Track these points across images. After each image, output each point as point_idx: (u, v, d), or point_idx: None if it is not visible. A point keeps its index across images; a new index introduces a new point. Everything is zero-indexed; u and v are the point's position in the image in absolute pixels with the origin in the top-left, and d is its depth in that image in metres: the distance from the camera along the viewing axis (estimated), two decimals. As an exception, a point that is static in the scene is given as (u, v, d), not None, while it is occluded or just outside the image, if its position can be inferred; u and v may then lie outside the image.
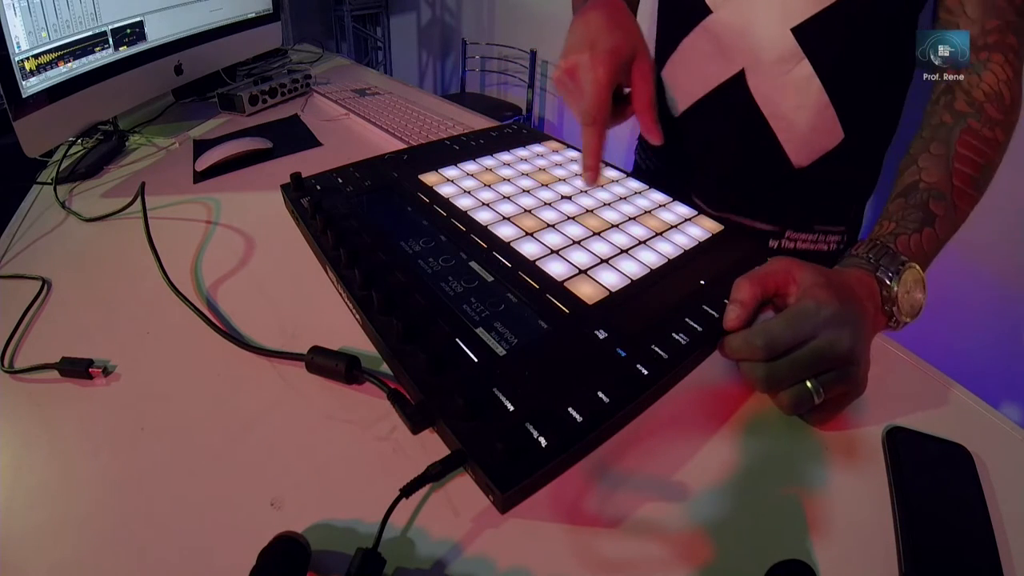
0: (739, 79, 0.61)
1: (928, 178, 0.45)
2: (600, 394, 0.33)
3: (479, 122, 0.91)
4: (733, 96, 0.62)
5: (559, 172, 0.61)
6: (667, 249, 0.48)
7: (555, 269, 0.44)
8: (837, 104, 0.59)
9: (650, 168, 0.79)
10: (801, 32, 0.56)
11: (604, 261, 0.46)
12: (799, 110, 0.60)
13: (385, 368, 0.40)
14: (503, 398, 0.33)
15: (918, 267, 0.41)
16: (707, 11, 0.61)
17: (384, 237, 0.48)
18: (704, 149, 0.68)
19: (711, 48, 0.62)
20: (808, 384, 0.35)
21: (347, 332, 0.43)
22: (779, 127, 0.61)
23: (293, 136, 0.84)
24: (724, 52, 0.61)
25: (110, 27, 0.77)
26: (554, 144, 0.69)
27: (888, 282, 0.39)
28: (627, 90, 0.48)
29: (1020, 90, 0.48)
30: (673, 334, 0.38)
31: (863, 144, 0.62)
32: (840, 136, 0.60)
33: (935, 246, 0.44)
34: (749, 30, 0.59)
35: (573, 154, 0.67)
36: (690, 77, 0.66)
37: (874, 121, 0.62)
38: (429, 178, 0.59)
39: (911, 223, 0.43)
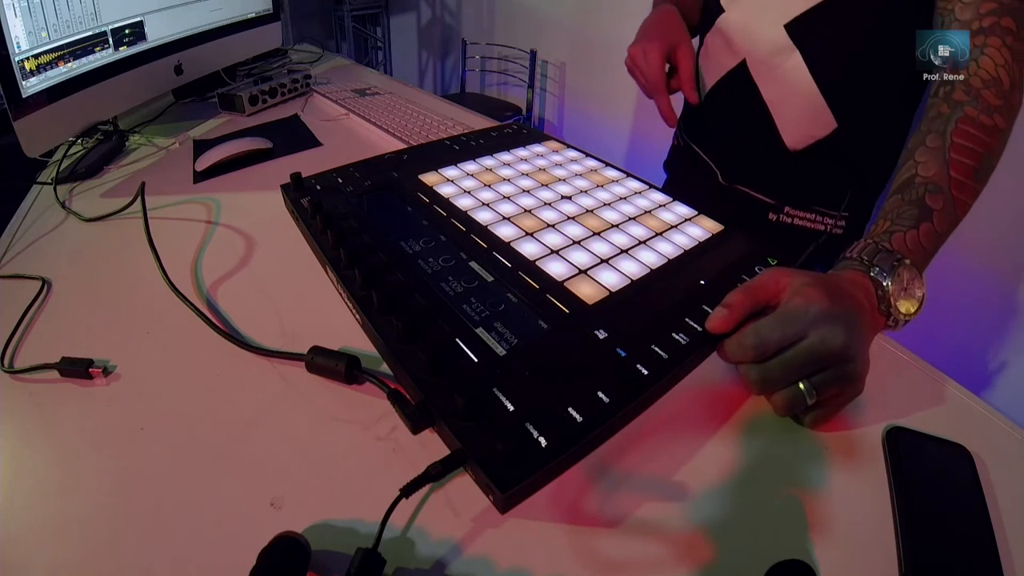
0: (743, 68, 0.67)
1: (924, 172, 0.45)
2: (600, 394, 0.33)
3: (479, 122, 0.91)
4: (739, 83, 0.68)
5: (559, 172, 0.61)
6: (667, 249, 0.48)
7: (555, 269, 0.44)
8: (828, 95, 0.61)
9: (681, 144, 0.85)
10: (793, 27, 0.61)
11: (604, 261, 0.46)
12: (791, 97, 0.64)
13: (385, 368, 0.40)
14: (503, 398, 0.33)
15: (913, 263, 0.40)
16: (721, 10, 0.68)
17: (384, 237, 0.48)
18: (718, 128, 0.76)
19: (723, 42, 0.70)
20: (800, 386, 0.35)
21: (347, 332, 0.43)
22: (776, 112, 0.66)
23: (293, 136, 0.84)
24: (731, 46, 0.68)
25: (110, 27, 0.77)
26: (554, 144, 0.69)
27: (883, 281, 0.39)
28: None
29: (1020, 73, 0.47)
30: (673, 334, 0.38)
31: (860, 135, 0.64)
32: (833, 126, 0.63)
33: (934, 241, 0.43)
34: (750, 26, 0.65)
35: (573, 154, 0.67)
36: (709, 67, 0.74)
37: (873, 115, 0.63)
38: (429, 178, 0.59)
39: (907, 220, 0.43)
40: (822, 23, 0.59)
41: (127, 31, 0.80)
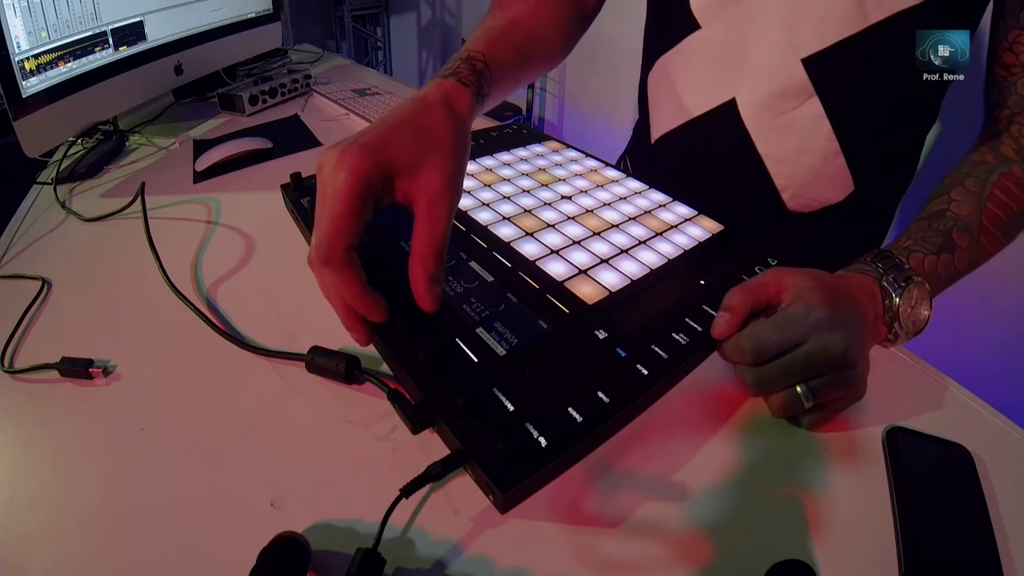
0: (729, 109, 0.53)
1: (958, 210, 0.44)
2: (600, 394, 0.33)
3: (479, 122, 0.91)
4: (721, 127, 0.55)
5: (559, 172, 0.61)
6: (667, 249, 0.48)
7: (555, 269, 0.44)
8: (848, 153, 0.52)
9: None
10: (813, 65, 0.49)
11: (604, 261, 0.46)
12: (802, 154, 0.53)
13: (385, 368, 0.40)
14: (503, 398, 0.33)
15: (925, 283, 0.40)
16: (694, 26, 0.53)
17: (384, 237, 0.48)
18: (680, 184, 0.58)
19: (697, 70, 0.55)
20: (798, 389, 0.35)
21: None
22: (777, 170, 0.55)
23: (293, 136, 0.84)
24: (713, 76, 0.54)
25: (110, 27, 0.77)
26: (554, 144, 0.69)
27: (892, 293, 0.38)
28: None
29: None
30: (673, 334, 0.38)
31: (873, 200, 0.57)
32: (849, 189, 0.54)
33: (951, 274, 0.43)
34: (746, 54, 0.52)
35: (573, 154, 0.67)
36: (668, 101, 0.58)
37: (888, 175, 0.57)
38: (429, 178, 0.59)
39: (929, 244, 0.42)
40: (848, 62, 0.48)
41: (127, 31, 0.80)
